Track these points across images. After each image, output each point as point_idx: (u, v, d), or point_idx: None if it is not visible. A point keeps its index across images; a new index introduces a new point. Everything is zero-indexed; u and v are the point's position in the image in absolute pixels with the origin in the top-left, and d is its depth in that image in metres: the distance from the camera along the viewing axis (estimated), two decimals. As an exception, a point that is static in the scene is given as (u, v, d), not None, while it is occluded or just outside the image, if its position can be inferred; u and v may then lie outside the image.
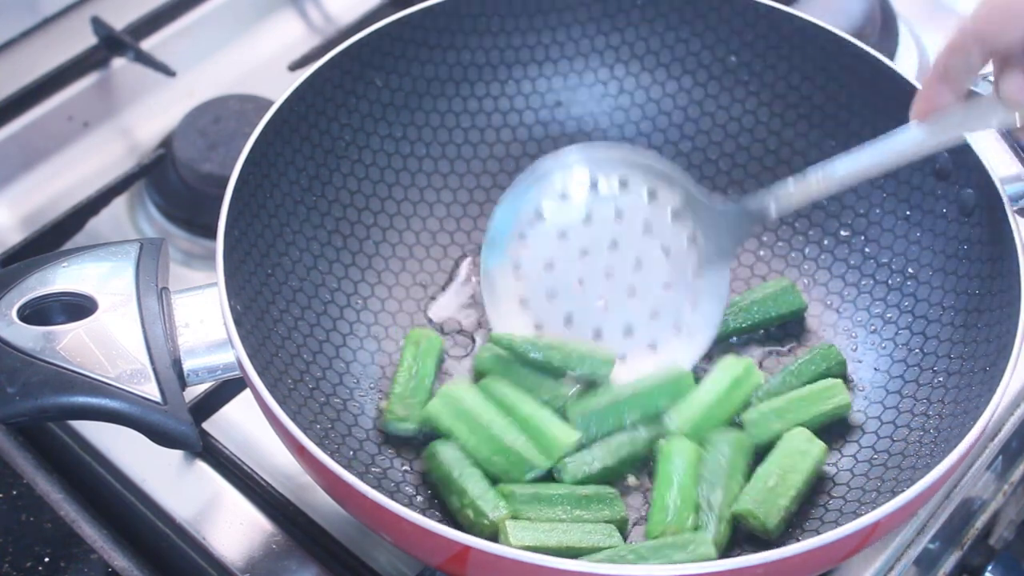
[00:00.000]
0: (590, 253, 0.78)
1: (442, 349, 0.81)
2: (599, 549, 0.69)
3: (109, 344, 0.64)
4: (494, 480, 0.72)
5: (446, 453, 0.73)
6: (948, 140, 0.72)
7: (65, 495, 0.77)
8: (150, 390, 0.63)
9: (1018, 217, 0.72)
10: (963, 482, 0.80)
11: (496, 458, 0.73)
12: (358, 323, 0.81)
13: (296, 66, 1.02)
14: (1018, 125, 0.69)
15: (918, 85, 0.78)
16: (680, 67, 0.88)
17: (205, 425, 0.80)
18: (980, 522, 0.83)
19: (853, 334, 0.81)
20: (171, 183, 0.95)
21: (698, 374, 0.78)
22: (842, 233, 0.84)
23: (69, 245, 0.91)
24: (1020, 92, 0.66)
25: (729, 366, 0.77)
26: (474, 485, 0.71)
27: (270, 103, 0.77)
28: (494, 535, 0.69)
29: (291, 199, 0.79)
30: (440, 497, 0.73)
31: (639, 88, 0.89)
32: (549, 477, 0.73)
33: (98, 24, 1.04)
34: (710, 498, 0.71)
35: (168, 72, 1.02)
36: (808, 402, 0.76)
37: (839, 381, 0.77)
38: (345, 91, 0.82)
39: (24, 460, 0.79)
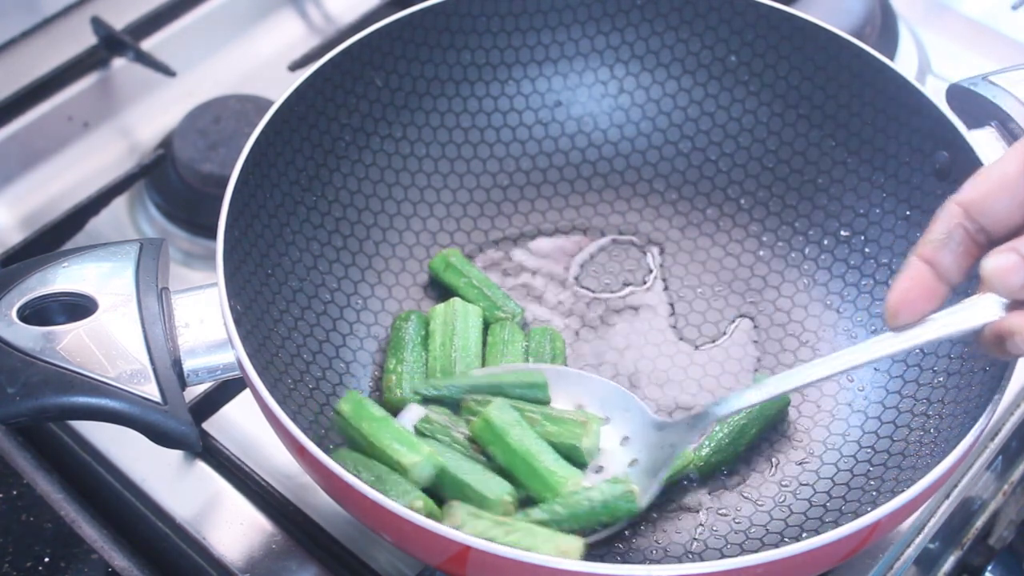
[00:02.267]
0: None
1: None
2: None
3: (109, 344, 0.64)
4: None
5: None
6: (926, 342, 0.63)
7: (65, 495, 0.77)
8: (150, 390, 0.63)
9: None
10: (963, 482, 0.80)
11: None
12: (358, 323, 0.81)
13: (296, 66, 1.02)
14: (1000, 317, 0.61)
15: (918, 85, 0.78)
16: (680, 67, 0.88)
17: (205, 425, 0.80)
18: (980, 522, 0.83)
19: (853, 334, 0.81)
20: (171, 183, 0.95)
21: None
22: (842, 233, 0.84)
23: (69, 245, 0.91)
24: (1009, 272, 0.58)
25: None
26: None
27: (270, 103, 0.77)
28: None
29: (291, 199, 0.79)
30: None
31: (639, 88, 0.89)
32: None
33: (98, 24, 1.04)
34: None
35: (168, 72, 1.02)
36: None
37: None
38: (345, 91, 0.82)
39: (24, 460, 0.79)
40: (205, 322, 0.67)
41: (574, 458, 0.72)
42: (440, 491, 0.70)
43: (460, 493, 0.69)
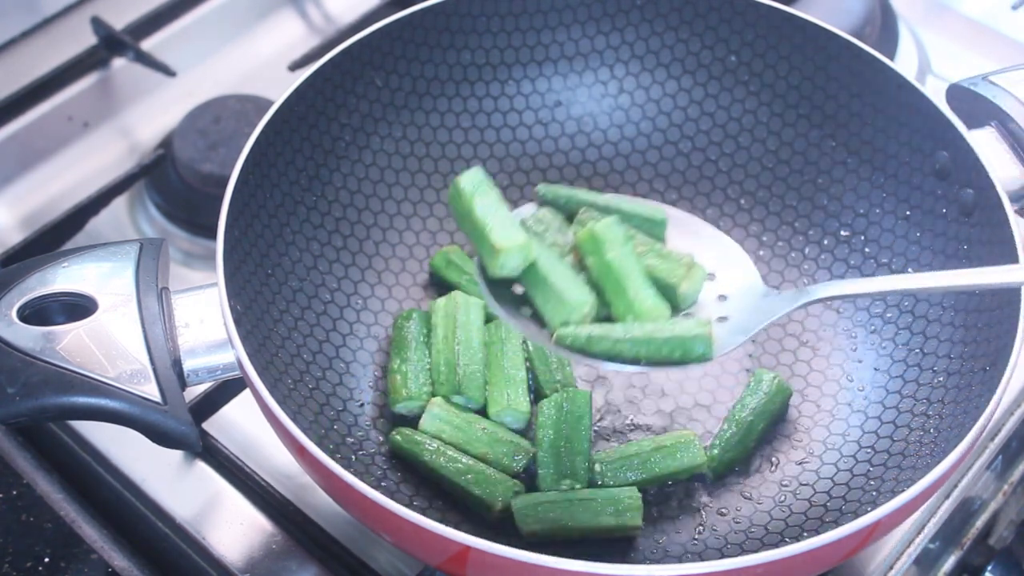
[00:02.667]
0: None
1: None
2: None
3: (109, 344, 0.64)
4: None
5: None
6: None
7: (65, 495, 0.77)
8: (150, 390, 0.63)
9: (1018, 217, 0.72)
10: (963, 482, 0.80)
11: None
12: (358, 323, 0.81)
13: (296, 66, 1.02)
14: None
15: (918, 85, 0.78)
16: (680, 67, 0.88)
17: (205, 425, 0.81)
18: (980, 522, 0.83)
19: (853, 334, 0.81)
20: (171, 183, 0.95)
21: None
22: (842, 233, 0.84)
23: (69, 245, 0.91)
24: None
25: None
26: None
27: (270, 103, 0.77)
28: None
29: (291, 199, 0.79)
30: None
31: (639, 88, 0.89)
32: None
33: (98, 24, 1.04)
34: None
35: (168, 72, 1.02)
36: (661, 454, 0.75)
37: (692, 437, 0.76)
38: (345, 91, 0.82)
39: (24, 460, 0.79)
40: (205, 322, 0.67)
41: (668, 298, 0.70)
42: (523, 284, 0.69)
43: (542, 292, 0.68)
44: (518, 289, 0.71)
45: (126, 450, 0.80)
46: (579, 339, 0.67)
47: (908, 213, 0.81)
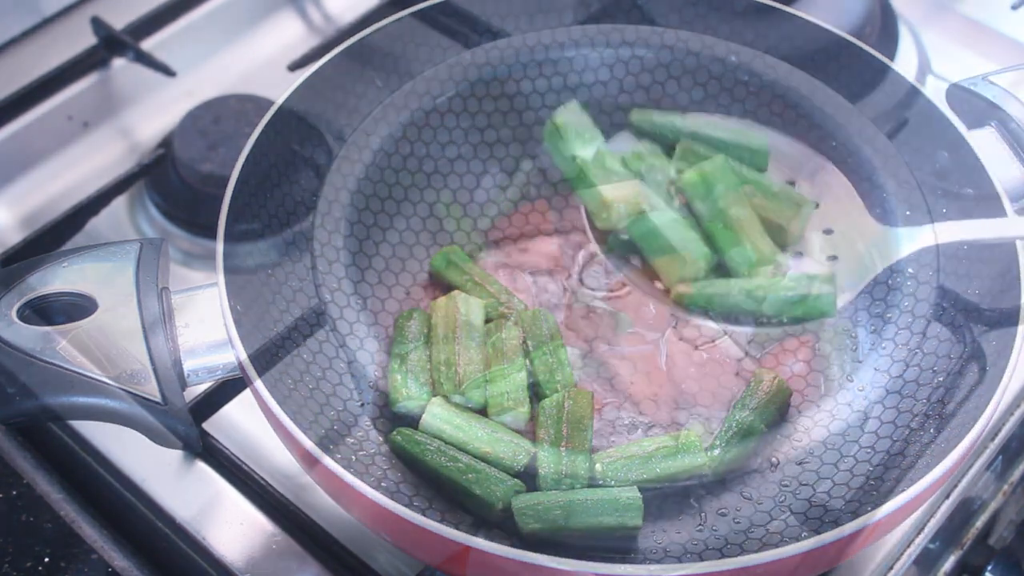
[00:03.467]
0: None
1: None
2: None
3: (109, 344, 0.64)
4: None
5: None
6: None
7: (65, 495, 0.77)
8: (150, 390, 0.63)
9: (1018, 217, 0.72)
10: (963, 482, 0.80)
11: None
12: (358, 323, 0.81)
13: (296, 66, 1.02)
14: None
15: (918, 85, 0.78)
16: (680, 67, 0.88)
17: (205, 425, 0.81)
18: (980, 522, 0.83)
19: (853, 334, 0.81)
20: (171, 183, 0.95)
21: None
22: (842, 233, 0.84)
23: (69, 245, 0.91)
24: None
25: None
26: None
27: (270, 103, 0.77)
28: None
29: (291, 199, 0.79)
30: None
31: (639, 88, 0.89)
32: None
33: (98, 24, 1.04)
34: None
35: (168, 72, 1.02)
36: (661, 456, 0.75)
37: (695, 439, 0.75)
38: (345, 91, 0.82)
39: (24, 460, 0.79)
40: (205, 322, 0.67)
41: (776, 237, 0.70)
42: (631, 232, 0.68)
43: (655, 244, 0.68)
44: (623, 235, 0.70)
45: (126, 450, 0.80)
46: (700, 298, 0.67)
47: (908, 213, 0.81)
